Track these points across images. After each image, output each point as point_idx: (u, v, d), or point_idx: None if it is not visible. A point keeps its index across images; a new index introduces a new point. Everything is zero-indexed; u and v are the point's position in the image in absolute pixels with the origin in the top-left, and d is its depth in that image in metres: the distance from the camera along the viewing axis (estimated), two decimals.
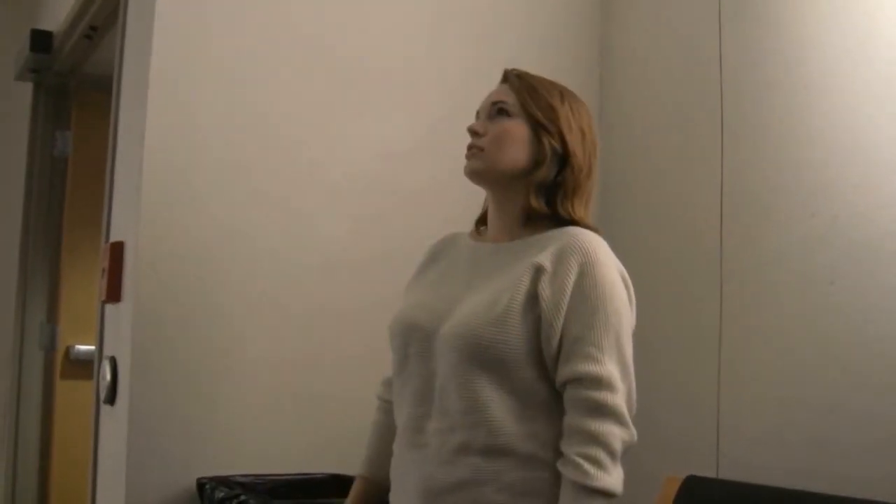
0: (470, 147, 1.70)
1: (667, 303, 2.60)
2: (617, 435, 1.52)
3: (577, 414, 1.54)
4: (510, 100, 1.71)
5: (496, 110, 1.71)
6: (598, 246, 1.61)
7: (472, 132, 1.71)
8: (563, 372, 1.56)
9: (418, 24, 2.74)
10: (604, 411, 1.52)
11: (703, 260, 2.50)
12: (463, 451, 1.56)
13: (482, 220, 1.80)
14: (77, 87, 3.98)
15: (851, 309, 2.14)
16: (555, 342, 1.56)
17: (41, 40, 3.74)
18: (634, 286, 1.66)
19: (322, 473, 2.40)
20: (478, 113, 1.75)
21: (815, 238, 2.23)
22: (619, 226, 2.77)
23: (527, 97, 1.70)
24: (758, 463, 2.29)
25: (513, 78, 1.74)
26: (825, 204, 2.22)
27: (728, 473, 2.34)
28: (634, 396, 1.59)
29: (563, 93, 1.73)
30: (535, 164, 1.67)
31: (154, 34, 2.40)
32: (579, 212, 1.68)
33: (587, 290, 1.56)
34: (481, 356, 1.56)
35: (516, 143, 1.67)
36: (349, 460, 2.36)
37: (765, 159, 2.39)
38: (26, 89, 4.02)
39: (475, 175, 1.70)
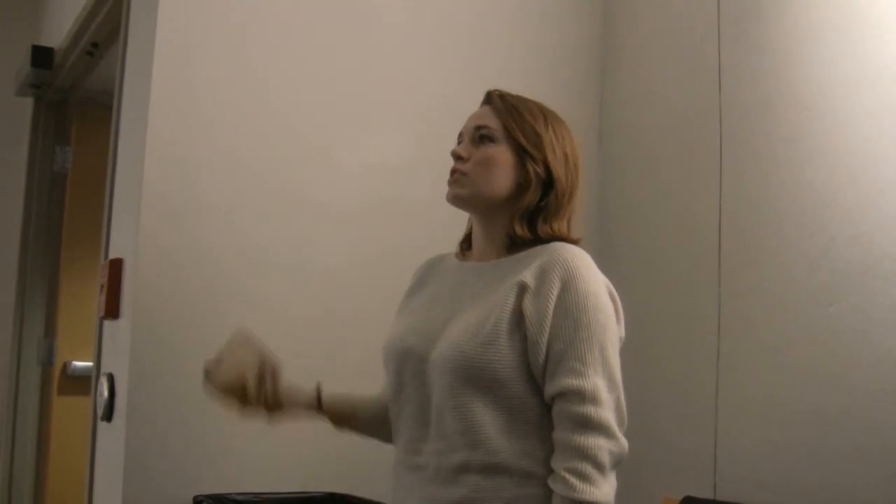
0: (453, 172, 1.70)
1: (665, 322, 2.60)
2: (604, 448, 1.52)
3: (564, 429, 1.54)
4: (494, 125, 1.70)
5: (480, 135, 1.70)
6: (580, 260, 1.61)
7: (456, 156, 1.71)
8: (550, 387, 1.56)
9: (417, 40, 2.75)
10: (590, 425, 1.53)
11: (702, 279, 2.50)
12: (462, 471, 1.57)
13: (467, 240, 1.81)
14: (77, 102, 3.99)
15: (849, 328, 2.14)
16: (541, 358, 1.56)
17: (42, 56, 3.75)
18: (634, 305, 1.67)
19: (320, 492, 2.39)
20: (461, 135, 1.74)
21: (813, 258, 2.24)
22: (619, 245, 2.78)
23: (511, 122, 1.69)
24: (755, 483, 2.28)
25: (496, 100, 1.73)
26: (823, 224, 2.23)
27: (725, 494, 2.34)
28: (624, 408, 1.59)
29: (546, 115, 1.73)
30: (520, 191, 1.67)
31: (155, 50, 2.41)
32: (561, 230, 1.69)
33: (569, 305, 1.57)
34: (474, 377, 1.57)
35: (501, 169, 1.67)
36: (348, 479, 2.37)
37: (763, 180, 2.40)
38: (27, 105, 4.03)
39: (459, 201, 1.71)
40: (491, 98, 1.75)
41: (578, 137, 1.77)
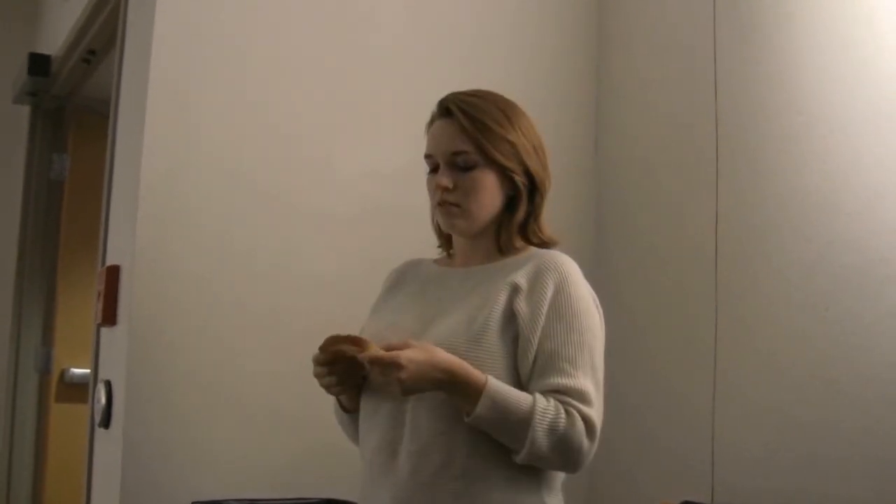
0: (442, 203, 1.69)
1: (662, 327, 2.60)
2: (586, 448, 1.55)
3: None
4: (469, 148, 1.67)
5: (458, 163, 1.68)
6: (571, 267, 1.66)
7: (442, 188, 1.68)
8: (536, 386, 1.57)
9: (414, 43, 2.75)
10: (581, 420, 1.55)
11: (699, 284, 2.50)
12: (441, 474, 1.56)
13: (449, 244, 1.82)
14: (74, 110, 4.00)
15: (846, 333, 2.14)
16: (531, 357, 1.58)
17: (39, 64, 3.76)
18: (630, 310, 1.69)
19: (316, 498, 2.39)
20: (430, 157, 1.72)
21: (810, 263, 2.24)
22: (615, 250, 2.78)
23: (484, 143, 1.66)
24: (753, 487, 2.28)
25: (459, 116, 1.68)
26: (819, 229, 2.23)
27: (723, 499, 2.34)
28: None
29: (507, 113, 1.70)
30: (511, 203, 1.70)
31: (152, 58, 2.41)
32: (546, 229, 1.73)
33: (562, 308, 1.60)
34: None
35: (490, 192, 1.68)
36: (344, 484, 2.36)
37: (760, 184, 2.40)
38: (24, 112, 4.04)
39: (458, 231, 1.73)
40: (451, 112, 1.70)
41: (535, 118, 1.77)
